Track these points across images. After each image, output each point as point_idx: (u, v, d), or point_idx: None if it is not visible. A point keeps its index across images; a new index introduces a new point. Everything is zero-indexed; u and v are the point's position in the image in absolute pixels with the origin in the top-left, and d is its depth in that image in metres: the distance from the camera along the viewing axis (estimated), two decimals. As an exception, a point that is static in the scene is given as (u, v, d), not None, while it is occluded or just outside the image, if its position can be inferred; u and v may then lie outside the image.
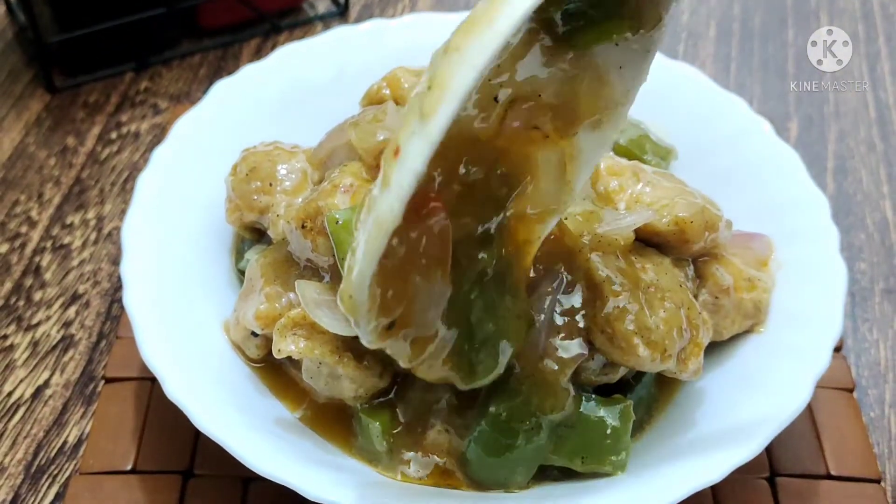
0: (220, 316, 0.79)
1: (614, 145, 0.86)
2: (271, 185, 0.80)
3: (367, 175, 0.76)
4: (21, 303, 0.89)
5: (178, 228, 0.82)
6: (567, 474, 0.72)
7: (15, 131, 1.07)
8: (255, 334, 0.76)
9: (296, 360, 0.73)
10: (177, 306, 0.77)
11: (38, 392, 0.83)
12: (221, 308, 0.80)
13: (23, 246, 0.95)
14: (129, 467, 0.76)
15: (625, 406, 0.71)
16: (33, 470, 0.77)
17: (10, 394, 0.82)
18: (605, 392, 0.73)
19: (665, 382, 0.77)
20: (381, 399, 0.74)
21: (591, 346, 0.70)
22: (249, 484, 0.75)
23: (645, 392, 0.76)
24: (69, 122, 1.08)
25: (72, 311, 0.89)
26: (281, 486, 0.65)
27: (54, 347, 0.86)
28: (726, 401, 0.75)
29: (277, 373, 0.78)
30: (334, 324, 0.71)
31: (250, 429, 0.70)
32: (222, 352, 0.78)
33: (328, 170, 0.79)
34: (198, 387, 0.71)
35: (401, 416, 0.73)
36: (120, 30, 1.09)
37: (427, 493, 0.71)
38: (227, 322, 0.79)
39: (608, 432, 0.71)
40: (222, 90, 0.91)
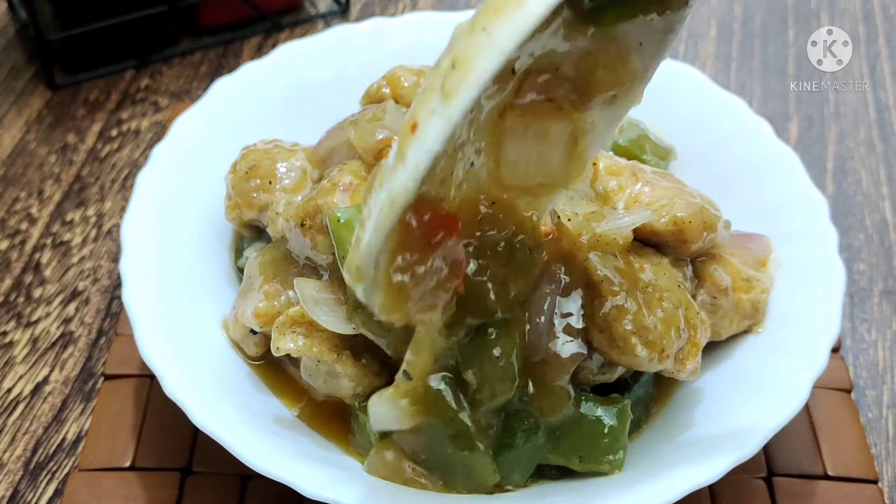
0: (219, 313, 0.80)
1: (613, 145, 0.86)
2: (271, 183, 0.80)
3: (366, 173, 0.76)
4: (21, 299, 0.90)
5: (178, 226, 0.82)
6: (565, 473, 0.72)
7: (16, 128, 1.07)
8: (253, 332, 0.76)
9: (294, 357, 0.73)
10: (176, 304, 0.77)
11: (38, 388, 0.83)
12: (220, 305, 0.80)
13: (23, 243, 0.95)
14: (127, 464, 0.76)
15: (622, 405, 0.71)
16: (32, 466, 0.78)
17: (9, 390, 0.83)
18: (602, 391, 0.73)
19: (663, 382, 0.78)
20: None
21: (589, 345, 0.70)
22: (248, 481, 0.75)
23: (643, 391, 0.76)
24: (70, 120, 1.08)
25: (71, 308, 0.89)
26: (279, 484, 0.66)
27: (54, 344, 0.86)
28: (724, 401, 0.75)
29: (276, 370, 0.78)
30: (333, 322, 0.71)
31: (249, 426, 0.70)
32: (221, 349, 0.78)
33: (328, 168, 0.79)
34: (197, 384, 0.71)
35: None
36: (121, 27, 1.09)
37: (425, 491, 0.71)
38: (225, 319, 0.79)
39: (606, 431, 0.71)
40: (223, 88, 0.92)
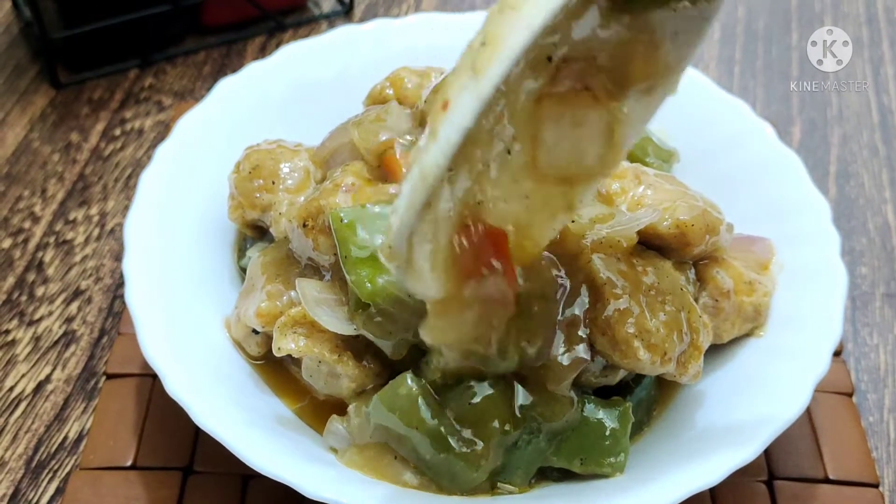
0: (222, 313, 0.80)
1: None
2: (274, 183, 0.80)
3: (368, 174, 0.76)
4: (23, 298, 0.90)
5: (181, 226, 0.82)
6: (566, 475, 0.72)
7: (19, 127, 1.07)
8: (255, 332, 0.76)
9: (296, 357, 0.73)
10: (178, 303, 0.77)
11: (40, 387, 0.83)
12: (223, 305, 0.80)
13: (26, 241, 0.95)
14: (129, 463, 0.76)
15: (624, 408, 0.71)
16: (34, 465, 0.78)
17: (11, 389, 0.83)
18: (604, 394, 0.73)
19: (664, 384, 0.78)
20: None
21: (591, 348, 0.70)
22: (249, 481, 0.75)
23: (644, 394, 0.76)
24: (73, 118, 1.08)
25: (74, 307, 0.89)
26: (280, 484, 0.66)
27: (56, 343, 0.86)
28: (725, 404, 0.75)
29: (278, 370, 0.78)
30: (334, 322, 0.71)
31: (250, 426, 0.70)
32: (223, 349, 0.78)
33: (331, 169, 0.79)
34: (198, 384, 0.71)
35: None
36: (125, 26, 1.09)
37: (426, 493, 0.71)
38: (228, 319, 0.79)
39: (607, 434, 0.71)
40: (226, 88, 0.92)
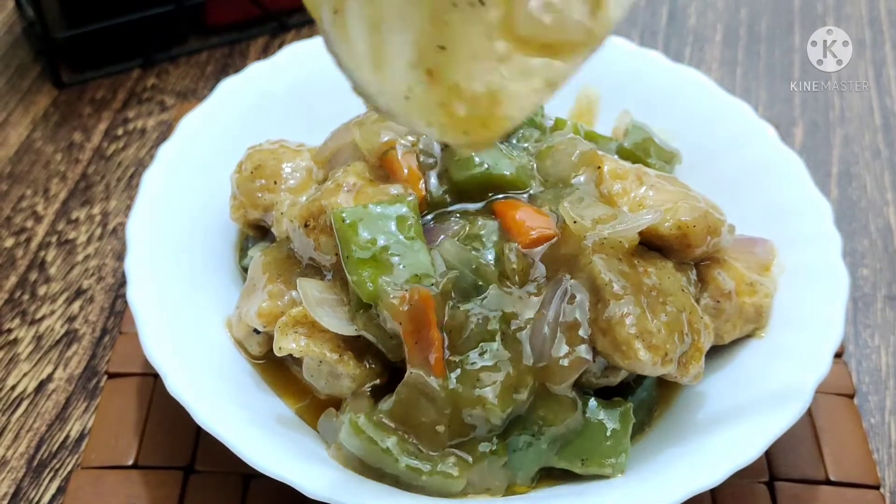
0: (223, 313, 0.80)
1: (618, 148, 0.86)
2: (276, 183, 0.80)
3: (370, 175, 0.76)
4: (26, 297, 0.90)
5: (183, 225, 0.83)
6: (567, 476, 0.72)
7: (22, 126, 1.07)
8: (257, 331, 0.76)
9: (297, 357, 0.73)
10: (180, 303, 0.77)
11: (42, 386, 0.83)
12: (224, 305, 0.80)
13: (28, 240, 0.95)
14: (130, 462, 0.76)
15: (625, 409, 0.71)
16: (35, 464, 0.78)
17: (13, 387, 0.83)
18: (605, 394, 0.73)
19: (666, 385, 0.77)
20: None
21: (592, 349, 0.70)
22: (250, 480, 0.75)
23: (645, 395, 0.76)
24: (76, 118, 1.08)
25: (76, 306, 0.89)
26: (281, 483, 0.66)
27: (58, 342, 0.86)
28: (726, 404, 0.75)
29: (279, 370, 0.78)
30: (335, 323, 0.71)
31: (251, 425, 0.70)
32: (224, 348, 0.78)
33: (332, 169, 0.79)
34: (200, 383, 0.71)
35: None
36: (128, 26, 1.09)
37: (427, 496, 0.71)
38: (229, 319, 0.79)
39: (608, 434, 0.71)
40: (229, 88, 0.92)
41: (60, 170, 1.02)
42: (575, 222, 0.71)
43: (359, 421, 0.68)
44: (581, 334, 0.69)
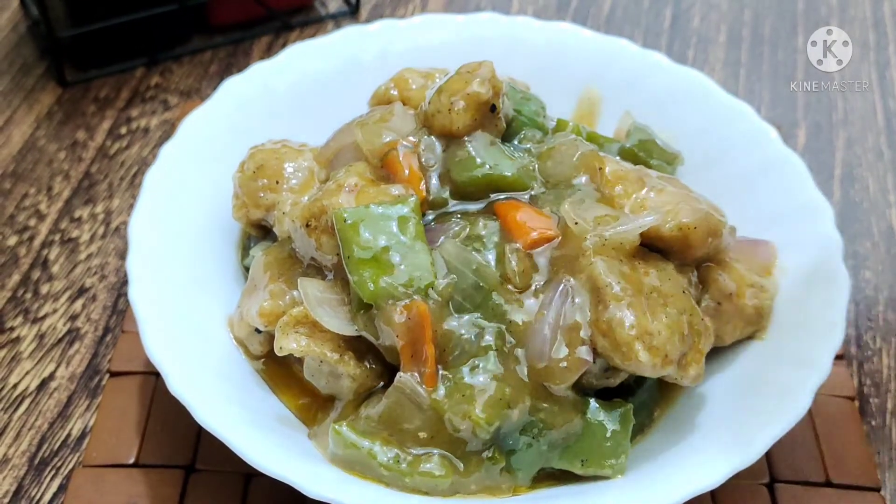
0: (225, 312, 0.80)
1: (620, 149, 0.86)
2: (278, 182, 0.80)
3: (372, 175, 0.76)
4: (28, 295, 0.90)
5: (185, 224, 0.83)
6: (567, 476, 0.72)
7: (26, 124, 1.07)
8: (258, 331, 0.76)
9: (298, 357, 0.74)
10: (182, 302, 0.77)
11: (44, 384, 0.83)
12: (226, 304, 0.81)
13: (31, 239, 0.95)
14: (131, 461, 0.76)
15: (625, 410, 0.71)
16: (37, 462, 0.78)
17: (15, 385, 0.83)
18: (605, 395, 0.73)
19: (666, 386, 0.77)
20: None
21: (593, 350, 0.70)
22: (251, 480, 0.75)
23: (646, 396, 0.76)
24: (80, 117, 1.09)
25: (78, 305, 0.89)
26: (282, 483, 0.66)
27: (60, 340, 0.87)
28: (727, 406, 0.75)
29: (280, 369, 0.78)
30: (335, 323, 0.71)
31: (252, 425, 0.70)
32: (226, 348, 0.78)
33: (334, 169, 0.79)
34: (201, 382, 0.71)
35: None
36: (132, 25, 1.09)
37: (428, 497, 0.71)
38: (231, 318, 0.79)
39: (608, 435, 0.71)
40: (232, 87, 0.92)
41: (64, 168, 1.03)
42: (576, 223, 0.71)
43: (341, 429, 0.69)
44: (581, 335, 0.69)
